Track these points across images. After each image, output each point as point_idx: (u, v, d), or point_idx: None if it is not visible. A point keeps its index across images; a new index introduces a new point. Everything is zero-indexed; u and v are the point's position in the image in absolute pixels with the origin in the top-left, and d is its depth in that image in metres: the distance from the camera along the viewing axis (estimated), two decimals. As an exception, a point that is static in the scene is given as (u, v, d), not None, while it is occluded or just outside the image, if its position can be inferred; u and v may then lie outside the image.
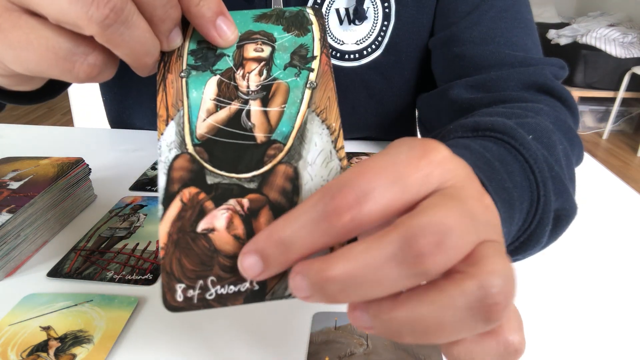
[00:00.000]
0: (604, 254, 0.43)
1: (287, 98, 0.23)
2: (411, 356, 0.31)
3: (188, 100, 0.23)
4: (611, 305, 0.36)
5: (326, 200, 0.18)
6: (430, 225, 0.17)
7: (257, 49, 0.24)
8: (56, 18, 0.22)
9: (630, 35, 2.84)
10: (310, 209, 0.19)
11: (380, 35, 0.59)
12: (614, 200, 0.53)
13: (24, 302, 0.35)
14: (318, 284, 0.18)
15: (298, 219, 0.19)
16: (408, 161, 0.19)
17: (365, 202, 0.18)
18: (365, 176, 0.18)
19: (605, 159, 2.67)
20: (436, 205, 0.18)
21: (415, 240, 0.17)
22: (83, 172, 0.47)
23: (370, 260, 0.17)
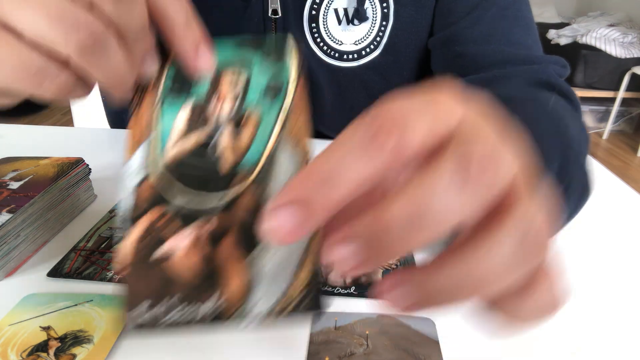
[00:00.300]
0: (604, 254, 0.43)
1: (259, 123, 0.23)
2: (411, 356, 0.31)
3: (161, 124, 0.23)
4: (611, 305, 0.36)
5: (368, 127, 0.17)
6: (481, 146, 0.16)
7: (234, 76, 0.24)
8: (33, 37, 0.21)
9: (630, 35, 2.84)
10: (352, 136, 0.17)
11: (379, 35, 0.60)
12: (614, 200, 0.53)
13: (24, 302, 0.35)
14: (372, 237, 0.16)
15: (340, 149, 0.17)
16: (438, 96, 0.18)
17: (406, 129, 0.17)
18: (400, 106, 0.17)
19: (605, 159, 2.67)
20: (478, 131, 0.17)
21: (469, 160, 0.16)
22: (83, 172, 0.47)
23: (429, 191, 0.16)
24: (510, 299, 0.19)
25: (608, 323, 0.35)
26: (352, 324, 0.33)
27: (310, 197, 0.16)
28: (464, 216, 0.17)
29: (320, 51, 0.60)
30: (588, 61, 2.86)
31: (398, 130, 0.17)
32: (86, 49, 0.21)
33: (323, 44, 0.60)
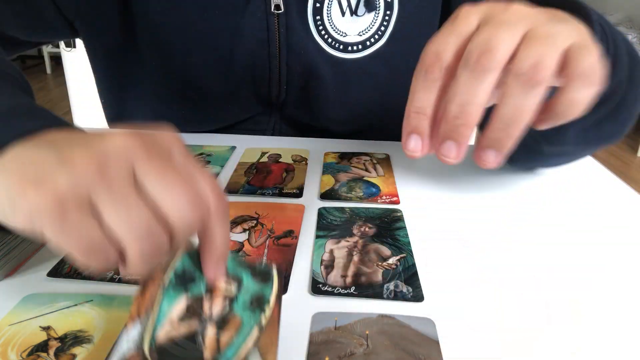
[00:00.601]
0: (604, 254, 0.43)
1: (238, 330, 0.27)
2: (411, 356, 0.31)
3: (159, 309, 0.27)
4: (611, 305, 0.36)
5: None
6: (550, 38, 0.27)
7: (227, 286, 0.29)
8: (111, 231, 0.24)
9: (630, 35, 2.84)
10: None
11: (383, 25, 0.60)
12: (614, 200, 0.53)
13: (24, 302, 0.35)
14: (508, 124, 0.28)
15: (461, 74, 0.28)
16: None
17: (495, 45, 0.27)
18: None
19: (605, 159, 2.67)
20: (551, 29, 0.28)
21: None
22: None
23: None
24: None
25: (608, 323, 0.35)
26: (352, 324, 0.33)
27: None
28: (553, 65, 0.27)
29: (325, 43, 0.60)
30: (588, 61, 2.86)
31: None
32: (144, 250, 0.24)
33: (328, 36, 0.60)
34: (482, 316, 0.35)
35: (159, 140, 0.26)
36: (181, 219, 0.24)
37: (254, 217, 0.47)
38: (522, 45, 0.27)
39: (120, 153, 0.24)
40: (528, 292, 0.37)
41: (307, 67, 0.61)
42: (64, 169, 0.23)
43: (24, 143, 0.27)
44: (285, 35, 0.59)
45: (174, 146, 0.27)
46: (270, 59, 0.60)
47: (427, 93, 0.30)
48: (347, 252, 0.41)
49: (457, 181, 0.56)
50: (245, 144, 0.65)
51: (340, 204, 0.50)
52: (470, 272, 0.40)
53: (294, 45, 0.59)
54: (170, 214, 0.24)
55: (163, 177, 0.24)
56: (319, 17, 0.59)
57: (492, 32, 0.27)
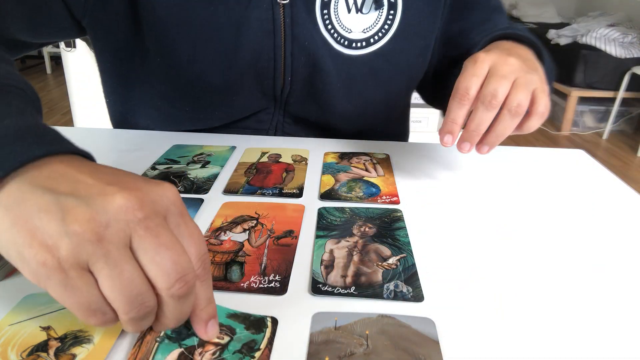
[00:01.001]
0: (604, 254, 0.43)
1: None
2: (411, 356, 0.31)
3: (154, 358, 0.30)
4: (611, 305, 0.36)
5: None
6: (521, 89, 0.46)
7: (219, 337, 0.31)
8: (108, 298, 0.27)
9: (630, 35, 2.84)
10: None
11: (387, 23, 0.62)
12: (614, 200, 0.53)
13: (24, 302, 0.35)
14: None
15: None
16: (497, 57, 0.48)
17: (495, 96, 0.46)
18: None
19: (605, 159, 2.67)
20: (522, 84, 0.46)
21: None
22: None
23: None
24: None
25: (608, 323, 0.35)
26: (352, 324, 0.33)
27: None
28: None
29: (331, 38, 0.61)
30: (588, 61, 2.86)
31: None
32: (133, 313, 0.27)
33: (334, 31, 0.61)
34: (482, 316, 0.35)
35: (157, 200, 0.28)
36: (167, 288, 0.27)
37: (254, 217, 0.47)
38: (512, 90, 0.46)
39: (120, 218, 0.26)
40: (528, 292, 0.37)
41: (312, 58, 0.61)
42: (66, 233, 0.25)
43: (26, 176, 0.28)
44: (290, 25, 0.59)
45: (169, 203, 0.29)
46: (275, 50, 0.60)
47: (459, 111, 0.47)
48: (347, 252, 0.41)
49: (457, 181, 0.56)
50: (246, 144, 0.65)
51: (340, 204, 0.50)
52: (470, 272, 0.40)
53: (298, 36, 0.60)
54: (158, 283, 0.27)
55: (155, 245, 0.27)
56: (326, 12, 0.60)
57: (497, 83, 0.45)
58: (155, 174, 0.56)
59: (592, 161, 0.63)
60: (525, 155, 0.65)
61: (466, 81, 0.47)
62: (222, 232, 0.44)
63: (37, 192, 0.27)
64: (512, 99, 0.45)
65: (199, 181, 0.54)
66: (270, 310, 0.34)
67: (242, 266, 0.39)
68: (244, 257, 0.40)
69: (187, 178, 0.55)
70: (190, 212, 0.47)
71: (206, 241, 0.42)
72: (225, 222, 0.46)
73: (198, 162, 0.59)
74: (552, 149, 0.67)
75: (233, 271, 0.38)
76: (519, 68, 0.47)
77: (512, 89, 0.46)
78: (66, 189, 0.27)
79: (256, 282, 0.37)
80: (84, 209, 0.26)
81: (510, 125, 0.46)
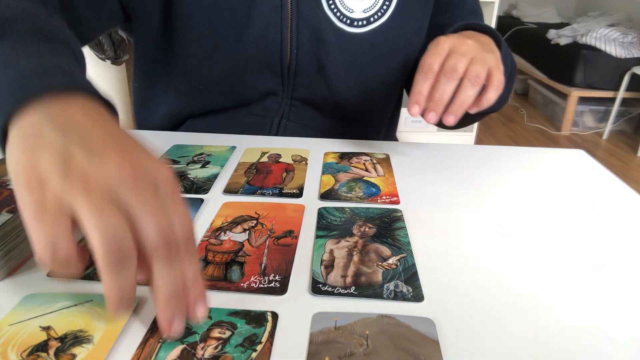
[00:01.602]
0: (604, 254, 0.43)
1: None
2: (411, 356, 0.31)
3: (155, 357, 0.30)
4: (612, 305, 0.36)
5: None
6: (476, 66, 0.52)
7: (221, 332, 0.32)
8: (88, 237, 0.27)
9: (630, 35, 2.84)
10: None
11: (385, 4, 0.67)
12: (614, 200, 0.53)
13: (24, 302, 0.35)
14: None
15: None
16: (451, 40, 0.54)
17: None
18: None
19: (605, 159, 2.67)
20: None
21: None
22: None
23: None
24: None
25: (609, 323, 0.35)
26: (352, 324, 0.33)
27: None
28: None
29: (334, 16, 0.66)
30: (588, 61, 2.86)
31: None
32: (114, 266, 0.27)
33: (336, 10, 0.66)
34: (482, 316, 0.35)
35: (152, 172, 0.30)
36: (149, 239, 0.28)
37: (254, 217, 0.47)
38: (470, 64, 0.51)
39: (112, 178, 0.28)
40: (528, 292, 0.37)
41: (314, 32, 0.66)
42: (61, 176, 0.28)
43: (48, 112, 0.31)
44: (296, 2, 0.64)
45: (162, 179, 0.30)
46: (282, 23, 0.65)
47: (424, 84, 0.52)
48: (347, 252, 0.41)
49: (457, 181, 0.56)
50: (246, 144, 0.65)
51: (340, 204, 0.50)
52: (470, 272, 0.40)
53: (303, 12, 0.65)
54: (142, 238, 0.28)
55: (142, 207, 0.28)
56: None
57: (457, 59, 0.51)
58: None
59: (592, 161, 0.63)
60: (525, 155, 0.65)
61: (429, 58, 0.52)
62: (222, 232, 0.44)
63: (52, 132, 0.30)
64: (471, 70, 0.51)
65: (199, 181, 0.54)
66: (269, 310, 0.34)
67: (242, 266, 0.39)
68: (244, 257, 0.40)
69: (187, 178, 0.55)
70: (190, 212, 0.47)
71: (206, 241, 0.42)
72: (225, 222, 0.46)
73: (198, 162, 0.59)
74: (552, 149, 0.67)
75: (233, 271, 0.38)
76: (476, 48, 0.53)
77: (470, 63, 0.51)
78: (76, 138, 0.30)
79: (256, 282, 0.37)
80: (84, 162, 0.28)
81: (470, 94, 0.51)
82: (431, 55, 0.52)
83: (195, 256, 0.31)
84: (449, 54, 0.52)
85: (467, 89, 0.51)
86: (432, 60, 0.52)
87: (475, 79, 0.50)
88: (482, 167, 0.60)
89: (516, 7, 4.06)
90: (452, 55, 0.52)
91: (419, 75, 0.52)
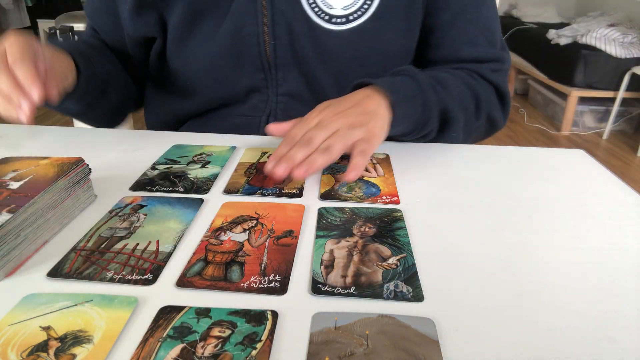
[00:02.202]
0: (604, 254, 0.43)
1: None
2: (411, 356, 0.31)
3: (155, 356, 0.30)
4: (612, 305, 0.36)
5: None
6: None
7: (221, 331, 0.32)
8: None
9: (630, 35, 2.84)
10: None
11: (367, 2, 0.66)
12: (614, 200, 0.53)
13: (24, 302, 0.35)
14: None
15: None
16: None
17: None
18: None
19: (605, 159, 2.67)
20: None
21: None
22: (83, 172, 0.47)
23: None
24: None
25: (609, 324, 0.35)
26: (352, 324, 0.33)
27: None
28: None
29: (312, 12, 0.66)
30: (588, 61, 2.86)
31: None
32: None
33: (314, 5, 0.65)
34: (482, 316, 0.35)
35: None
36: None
37: (254, 217, 0.47)
38: (328, 138, 0.52)
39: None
40: (528, 292, 0.37)
41: (289, 26, 0.66)
42: None
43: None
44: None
45: (6, 44, 0.50)
46: (257, 15, 0.65)
47: (284, 148, 0.52)
48: (347, 252, 0.41)
49: (457, 181, 0.56)
50: (246, 144, 0.65)
51: (340, 204, 0.50)
52: (470, 272, 0.40)
53: (277, 4, 0.65)
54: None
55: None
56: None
57: (316, 132, 0.52)
58: (155, 174, 0.56)
59: (592, 161, 0.63)
60: (525, 155, 0.65)
61: (295, 129, 0.54)
62: (222, 232, 0.44)
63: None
64: (325, 142, 0.52)
65: (199, 181, 0.54)
66: (269, 310, 0.34)
67: (242, 266, 0.39)
68: (244, 257, 0.40)
69: (187, 178, 0.55)
70: (190, 212, 0.47)
71: (206, 241, 0.42)
72: (225, 222, 0.46)
73: (198, 162, 0.59)
74: (552, 149, 0.67)
75: (233, 271, 0.38)
76: (347, 122, 0.53)
77: (329, 137, 0.52)
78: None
79: (256, 282, 0.37)
80: None
81: (319, 161, 0.50)
82: (298, 127, 0.54)
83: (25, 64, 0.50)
84: (316, 126, 0.53)
85: (315, 156, 0.51)
86: (296, 131, 0.53)
87: (324, 150, 0.51)
88: (482, 167, 0.60)
89: (516, 7, 4.06)
90: (315, 128, 0.53)
91: (283, 142, 0.53)
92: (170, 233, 0.44)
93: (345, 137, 0.52)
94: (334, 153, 0.51)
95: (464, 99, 0.65)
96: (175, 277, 0.38)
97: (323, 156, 0.51)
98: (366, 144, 0.53)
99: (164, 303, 0.35)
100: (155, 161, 0.59)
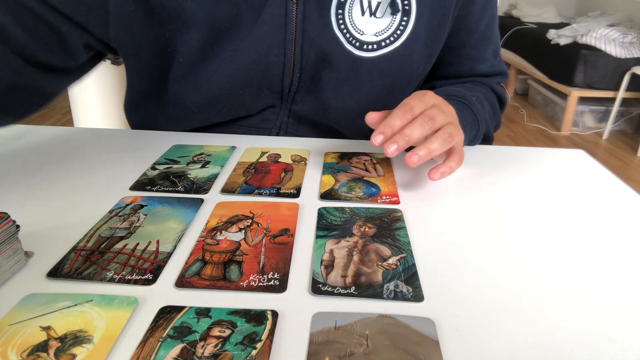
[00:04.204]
0: (604, 254, 0.43)
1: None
2: (411, 356, 0.31)
3: (155, 356, 0.30)
4: (613, 306, 0.36)
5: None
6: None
7: (221, 331, 0.32)
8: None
9: (630, 35, 2.84)
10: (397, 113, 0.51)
11: (400, 29, 0.64)
12: (614, 200, 0.53)
13: (24, 302, 0.35)
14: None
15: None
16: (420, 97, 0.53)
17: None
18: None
19: (605, 159, 2.67)
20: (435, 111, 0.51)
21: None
22: (7, 233, 0.36)
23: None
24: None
25: (608, 323, 0.35)
26: (352, 324, 0.33)
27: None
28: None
29: (343, 38, 0.63)
30: (588, 61, 2.86)
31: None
32: None
33: (346, 32, 0.62)
34: (482, 316, 0.35)
35: None
36: None
37: (249, 216, 0.47)
38: (446, 124, 0.52)
39: None
40: (528, 292, 0.37)
41: (321, 54, 0.63)
42: None
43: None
44: (302, 21, 0.61)
45: None
46: (285, 44, 0.62)
47: (397, 120, 0.50)
48: (347, 252, 0.41)
49: (457, 181, 0.56)
50: (246, 143, 0.65)
51: (340, 204, 0.50)
52: (470, 272, 0.40)
53: (309, 32, 0.61)
54: None
55: None
56: (341, 12, 0.62)
57: (437, 113, 0.51)
58: (155, 174, 0.56)
59: (592, 161, 0.63)
60: (525, 155, 0.65)
61: (413, 100, 0.51)
62: (218, 232, 0.44)
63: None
64: (446, 127, 0.51)
65: (199, 181, 0.54)
66: (269, 310, 0.34)
67: (240, 265, 0.39)
68: (242, 256, 0.40)
69: (187, 178, 0.55)
70: (190, 212, 0.47)
71: (202, 241, 0.42)
72: (221, 222, 0.46)
73: (198, 162, 0.59)
74: (552, 149, 0.67)
75: (232, 270, 0.38)
76: (455, 117, 0.55)
77: (447, 123, 0.51)
78: None
79: (255, 280, 0.37)
80: None
81: (437, 146, 0.49)
82: (417, 99, 0.51)
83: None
84: (432, 107, 0.52)
85: (436, 140, 0.49)
86: (415, 102, 0.51)
87: (447, 137, 0.50)
88: (482, 167, 0.60)
89: (516, 7, 4.06)
90: (435, 108, 0.51)
91: (398, 110, 0.50)
92: (170, 233, 0.44)
93: (457, 131, 0.52)
94: (451, 141, 0.50)
95: (490, 118, 0.69)
96: (175, 277, 0.38)
97: (443, 143, 0.50)
98: (460, 144, 0.54)
99: (164, 303, 0.35)
100: (155, 161, 0.59)
